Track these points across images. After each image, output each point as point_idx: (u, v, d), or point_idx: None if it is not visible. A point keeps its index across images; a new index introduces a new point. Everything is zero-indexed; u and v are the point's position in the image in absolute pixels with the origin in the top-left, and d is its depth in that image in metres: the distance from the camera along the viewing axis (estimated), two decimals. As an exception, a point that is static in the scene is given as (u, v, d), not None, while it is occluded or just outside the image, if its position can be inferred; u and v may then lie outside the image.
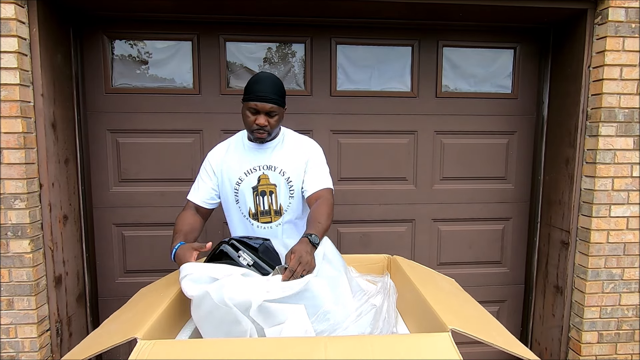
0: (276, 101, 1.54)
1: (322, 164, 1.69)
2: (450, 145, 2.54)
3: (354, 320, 1.25)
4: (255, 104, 1.52)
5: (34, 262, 1.94)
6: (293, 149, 1.68)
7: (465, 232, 2.61)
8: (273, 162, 1.65)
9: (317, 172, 1.65)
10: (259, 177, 1.65)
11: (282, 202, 1.66)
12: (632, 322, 2.25)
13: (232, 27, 2.34)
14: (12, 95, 1.84)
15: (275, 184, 1.65)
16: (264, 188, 1.65)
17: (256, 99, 1.52)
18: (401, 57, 2.48)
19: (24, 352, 1.97)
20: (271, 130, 1.58)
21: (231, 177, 1.66)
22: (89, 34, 2.29)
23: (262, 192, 1.65)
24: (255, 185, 1.65)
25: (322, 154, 1.72)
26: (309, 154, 1.67)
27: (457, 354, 0.91)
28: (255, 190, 1.65)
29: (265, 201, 1.65)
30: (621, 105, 2.09)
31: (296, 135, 1.75)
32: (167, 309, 1.23)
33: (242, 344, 1.01)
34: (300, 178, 1.66)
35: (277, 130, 1.65)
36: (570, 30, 2.28)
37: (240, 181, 1.65)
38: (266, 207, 1.66)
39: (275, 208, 1.66)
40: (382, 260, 1.79)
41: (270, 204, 1.66)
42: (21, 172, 1.88)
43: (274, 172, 1.65)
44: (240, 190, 1.65)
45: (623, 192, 2.15)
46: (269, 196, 1.65)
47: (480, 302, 1.45)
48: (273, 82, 1.56)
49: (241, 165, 1.66)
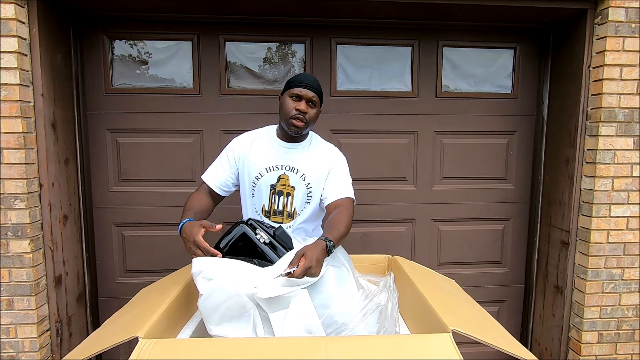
0: (318, 92, 1.60)
1: (345, 174, 1.68)
2: (450, 145, 2.54)
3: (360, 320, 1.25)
4: (300, 90, 1.56)
5: (34, 262, 1.94)
6: (318, 155, 1.67)
7: (465, 232, 2.61)
8: (296, 165, 1.63)
9: (340, 180, 1.64)
10: (279, 176, 1.63)
11: (297, 206, 1.65)
12: (632, 322, 2.26)
13: (232, 27, 2.34)
14: (12, 95, 1.84)
15: (294, 187, 1.63)
16: (282, 188, 1.63)
17: (301, 86, 1.57)
18: (401, 57, 2.48)
19: (24, 352, 1.97)
20: (309, 120, 1.58)
21: (251, 170, 1.65)
22: (89, 34, 2.29)
23: (279, 191, 1.63)
24: (274, 184, 1.63)
25: (346, 164, 1.71)
26: (333, 163, 1.66)
27: (457, 354, 0.91)
28: (273, 189, 1.63)
29: (281, 201, 1.64)
30: (621, 105, 2.09)
31: (323, 142, 1.74)
32: (169, 308, 1.23)
33: (242, 344, 1.01)
34: (321, 185, 1.64)
35: (310, 128, 1.65)
36: (570, 30, 2.28)
37: (260, 176, 1.63)
38: (280, 207, 1.64)
39: (289, 210, 1.65)
40: (383, 261, 1.79)
41: (285, 205, 1.64)
42: (21, 172, 1.88)
43: (295, 174, 1.63)
44: (258, 185, 1.64)
45: (623, 192, 2.15)
46: (285, 197, 1.64)
47: (480, 302, 1.45)
48: (316, 79, 1.64)
49: (264, 160, 1.64)
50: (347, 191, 1.62)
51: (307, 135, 1.69)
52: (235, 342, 1.05)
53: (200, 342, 1.04)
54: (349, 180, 1.68)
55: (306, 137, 1.69)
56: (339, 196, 1.59)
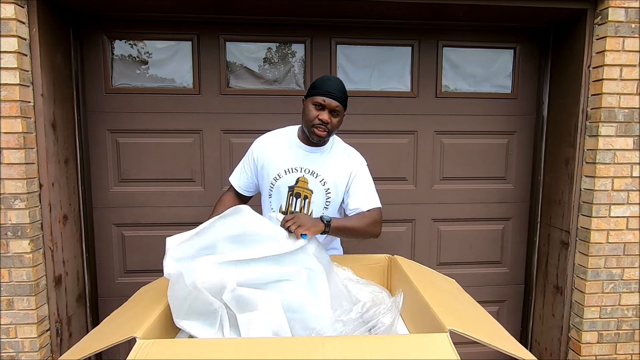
0: (342, 102, 1.55)
1: (369, 181, 1.67)
2: (450, 145, 2.54)
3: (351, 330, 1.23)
4: (323, 99, 1.52)
5: (34, 262, 1.94)
6: (339, 160, 1.66)
7: (465, 232, 2.61)
8: (316, 169, 1.63)
9: (366, 189, 1.64)
10: (297, 178, 1.63)
11: (314, 210, 1.64)
12: (632, 322, 2.25)
13: (232, 27, 2.34)
14: (12, 95, 1.84)
15: (312, 190, 1.63)
16: (300, 190, 1.63)
17: (325, 94, 1.52)
18: (401, 57, 2.47)
19: (24, 352, 1.97)
20: (331, 129, 1.56)
21: (270, 171, 1.64)
22: (89, 34, 2.29)
23: (297, 193, 1.63)
24: (292, 186, 1.63)
25: (367, 170, 1.69)
26: (354, 168, 1.65)
27: (455, 354, 0.91)
28: (291, 191, 1.63)
29: (298, 204, 1.63)
30: (621, 105, 2.09)
31: (345, 146, 1.73)
32: (167, 308, 1.23)
33: (240, 344, 1.01)
34: (340, 190, 1.64)
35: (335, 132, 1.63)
36: (570, 30, 2.27)
37: (279, 177, 1.63)
38: (297, 210, 1.64)
39: (306, 213, 1.64)
40: (382, 260, 1.78)
41: (302, 208, 1.64)
42: (21, 172, 1.88)
43: (315, 178, 1.63)
44: (277, 186, 1.64)
45: (623, 192, 2.15)
46: (303, 200, 1.63)
47: (480, 302, 1.45)
48: (341, 84, 1.57)
49: (284, 161, 1.64)
50: (375, 201, 1.63)
51: (329, 140, 1.67)
52: (234, 342, 1.05)
53: (198, 343, 1.04)
54: (374, 187, 1.67)
55: (328, 141, 1.67)
56: (369, 206, 1.60)
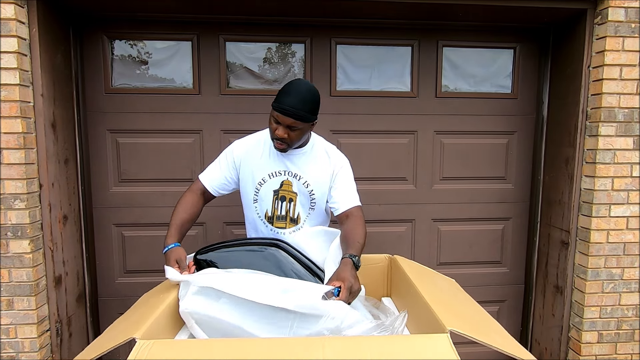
0: (299, 117, 1.44)
1: (350, 179, 1.66)
2: (450, 145, 2.54)
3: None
4: (278, 114, 1.45)
5: (34, 262, 1.94)
6: (320, 161, 1.65)
7: (465, 232, 2.61)
8: (298, 171, 1.62)
9: (347, 188, 1.63)
10: (282, 181, 1.63)
11: (300, 212, 1.65)
12: (632, 322, 2.25)
13: (232, 27, 2.34)
14: (12, 95, 1.84)
15: (297, 193, 1.63)
16: (285, 194, 1.63)
17: (278, 110, 1.44)
18: (401, 57, 2.47)
19: (24, 352, 1.97)
20: (291, 142, 1.52)
21: (255, 176, 1.64)
22: (89, 34, 2.29)
23: (282, 197, 1.63)
24: (277, 189, 1.63)
25: (350, 168, 1.69)
26: (336, 168, 1.65)
27: (455, 354, 0.91)
28: (276, 194, 1.63)
29: (284, 207, 1.64)
30: (621, 105, 2.09)
31: (326, 145, 1.70)
32: (166, 309, 1.23)
33: (241, 344, 1.01)
34: (324, 191, 1.64)
35: (304, 139, 1.58)
36: (570, 30, 2.27)
37: (263, 182, 1.63)
38: (283, 213, 1.64)
39: (292, 216, 1.65)
40: (383, 260, 1.79)
41: (288, 211, 1.64)
42: (21, 172, 1.88)
43: (298, 181, 1.63)
44: (262, 190, 1.63)
45: (623, 192, 2.15)
46: (288, 203, 1.64)
47: (480, 302, 1.45)
48: (302, 96, 1.44)
49: (267, 165, 1.63)
50: (355, 199, 1.63)
51: (307, 141, 1.64)
52: (233, 343, 1.05)
53: (198, 343, 1.04)
54: (354, 186, 1.67)
55: (307, 142, 1.65)
56: (349, 205, 1.60)
